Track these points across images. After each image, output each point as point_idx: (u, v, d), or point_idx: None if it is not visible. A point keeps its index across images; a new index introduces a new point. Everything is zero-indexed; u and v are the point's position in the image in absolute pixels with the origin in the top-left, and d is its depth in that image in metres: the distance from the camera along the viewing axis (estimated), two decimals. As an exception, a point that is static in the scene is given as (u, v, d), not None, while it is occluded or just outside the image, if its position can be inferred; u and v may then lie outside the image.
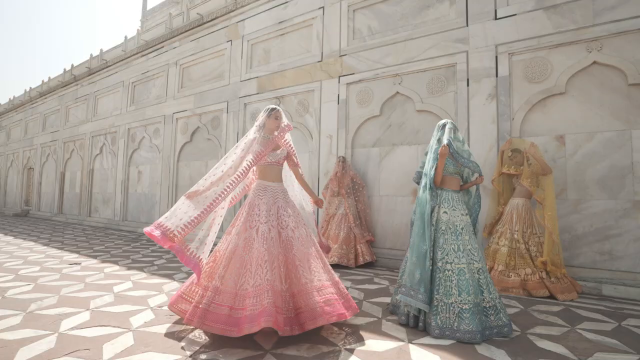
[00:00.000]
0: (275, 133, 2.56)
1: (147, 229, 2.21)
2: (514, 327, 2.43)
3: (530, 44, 3.95)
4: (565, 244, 3.59)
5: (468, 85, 4.30)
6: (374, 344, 2.12)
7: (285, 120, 2.58)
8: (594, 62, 3.65)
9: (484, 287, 2.31)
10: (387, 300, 2.98)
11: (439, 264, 2.35)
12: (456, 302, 2.24)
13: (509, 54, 4.07)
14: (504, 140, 3.98)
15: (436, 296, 2.30)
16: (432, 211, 2.46)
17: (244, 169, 2.38)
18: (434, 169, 2.50)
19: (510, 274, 3.38)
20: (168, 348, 2.00)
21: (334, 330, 2.32)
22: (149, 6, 17.10)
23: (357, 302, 2.97)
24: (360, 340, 2.17)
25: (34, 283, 3.37)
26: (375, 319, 2.57)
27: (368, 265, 4.58)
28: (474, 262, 2.35)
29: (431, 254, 2.37)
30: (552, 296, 3.20)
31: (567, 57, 3.78)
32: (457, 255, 2.34)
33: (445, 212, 2.46)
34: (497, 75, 4.12)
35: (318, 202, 2.72)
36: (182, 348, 2.01)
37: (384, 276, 4.01)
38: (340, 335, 2.23)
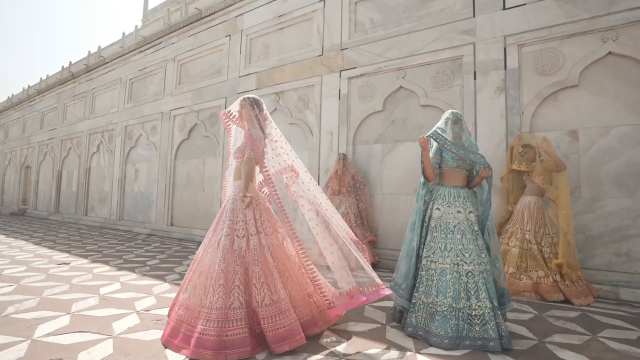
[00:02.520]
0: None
1: None
2: (531, 335, 2.23)
3: (541, 34, 3.76)
4: (579, 244, 3.38)
5: (475, 78, 4.10)
6: (378, 354, 1.93)
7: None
8: (609, 53, 3.45)
9: (472, 293, 2.09)
10: (391, 304, 2.78)
11: (424, 262, 2.25)
12: (432, 302, 2.13)
13: (519, 45, 3.88)
14: (513, 135, 3.79)
15: (415, 294, 2.23)
16: (427, 207, 2.37)
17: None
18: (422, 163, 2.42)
19: (522, 276, 3.18)
20: (150, 358, 1.81)
21: (333, 338, 2.12)
22: (150, 6, 16.94)
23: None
24: (363, 349, 1.97)
25: (17, 284, 3.18)
26: (379, 325, 2.38)
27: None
28: (463, 264, 2.14)
29: (420, 252, 2.30)
30: (566, 300, 3.00)
31: (580, 48, 3.58)
32: (443, 255, 2.19)
33: (437, 208, 2.32)
34: (505, 68, 3.93)
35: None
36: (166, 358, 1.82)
37: (387, 278, 3.81)
38: (340, 344, 2.03)
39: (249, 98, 2.33)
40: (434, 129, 2.39)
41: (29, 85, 14.32)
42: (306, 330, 2.02)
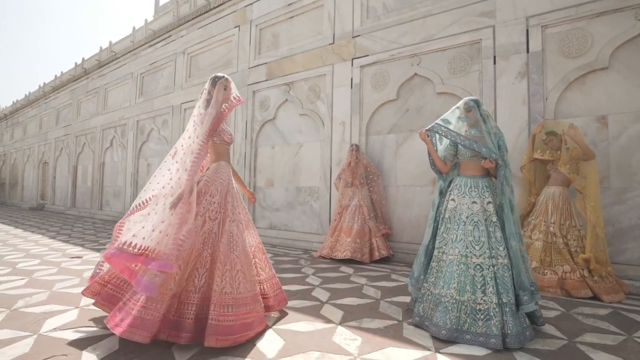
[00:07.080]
0: (224, 106, 2.21)
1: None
2: (560, 334, 2.08)
3: (567, 14, 3.52)
4: (609, 238, 3.17)
5: (495, 63, 3.89)
6: (394, 353, 1.81)
7: (235, 91, 2.24)
8: (644, 32, 3.20)
9: (479, 286, 2.00)
10: (407, 299, 2.66)
11: (436, 253, 2.24)
12: (439, 293, 2.10)
13: (542, 26, 3.65)
14: (535, 122, 3.58)
15: (425, 284, 2.23)
16: (444, 199, 2.34)
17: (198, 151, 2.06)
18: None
19: (546, 271, 3.01)
20: (156, 355, 1.74)
21: (347, 335, 2.02)
22: (162, 2, 16.92)
23: (374, 301, 2.66)
24: (378, 347, 1.86)
25: (29, 277, 3.18)
26: (395, 321, 2.26)
27: (384, 260, 4.26)
28: (472, 256, 2.06)
29: (433, 244, 2.31)
30: (594, 297, 2.82)
31: (611, 27, 3.33)
32: (453, 246, 2.14)
33: (452, 199, 2.26)
34: (528, 51, 3.71)
35: (252, 198, 2.58)
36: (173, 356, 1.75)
37: (402, 272, 3.69)
38: (355, 342, 1.92)
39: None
40: (436, 120, 2.36)
41: (44, 83, 14.57)
42: None
